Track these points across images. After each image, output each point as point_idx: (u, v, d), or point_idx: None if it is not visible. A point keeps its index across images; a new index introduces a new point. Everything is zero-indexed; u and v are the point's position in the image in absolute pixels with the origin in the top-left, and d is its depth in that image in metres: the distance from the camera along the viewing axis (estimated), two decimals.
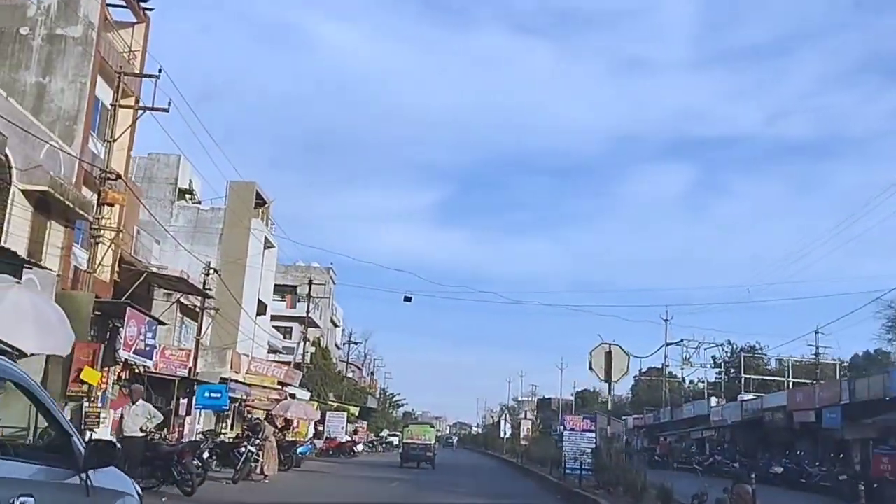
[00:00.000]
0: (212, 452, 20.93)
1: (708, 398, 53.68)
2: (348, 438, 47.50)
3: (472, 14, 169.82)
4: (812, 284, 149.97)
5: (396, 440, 60.84)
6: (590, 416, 24.85)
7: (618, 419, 27.89)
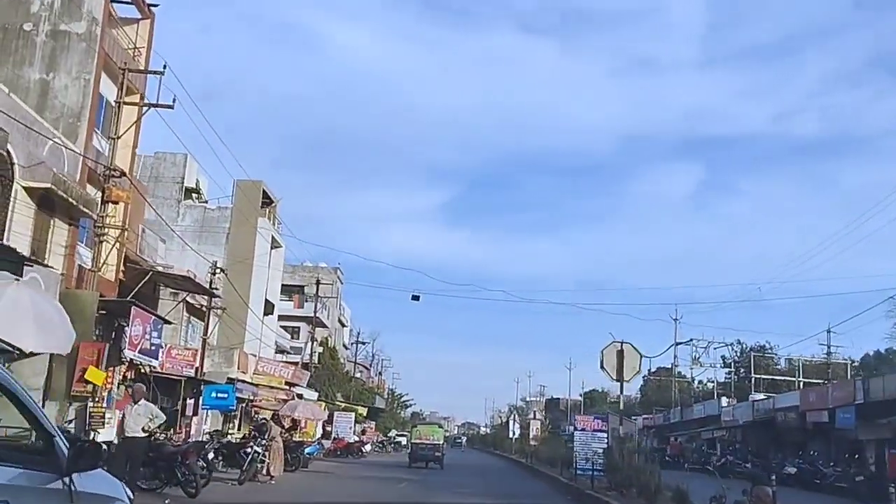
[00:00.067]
0: (218, 453, 20.71)
1: (719, 398, 53.19)
2: (356, 439, 47.27)
3: (477, 14, 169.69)
4: (822, 284, 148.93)
5: (404, 440, 60.68)
6: (601, 416, 24.48)
7: (629, 419, 27.48)
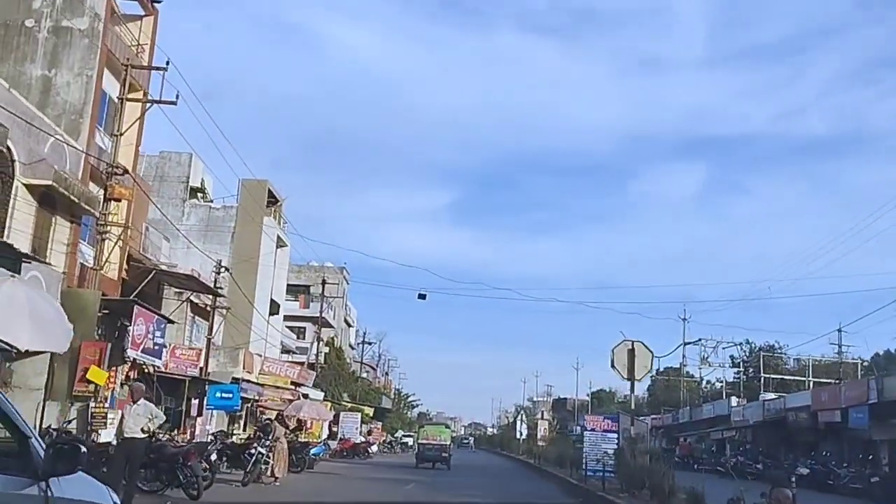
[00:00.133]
0: (222, 454, 20.41)
1: (728, 398, 52.69)
2: (362, 439, 46.95)
3: (483, 14, 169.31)
4: (829, 283, 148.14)
5: (411, 441, 60.39)
6: (611, 416, 24.10)
7: (641, 419, 27.09)
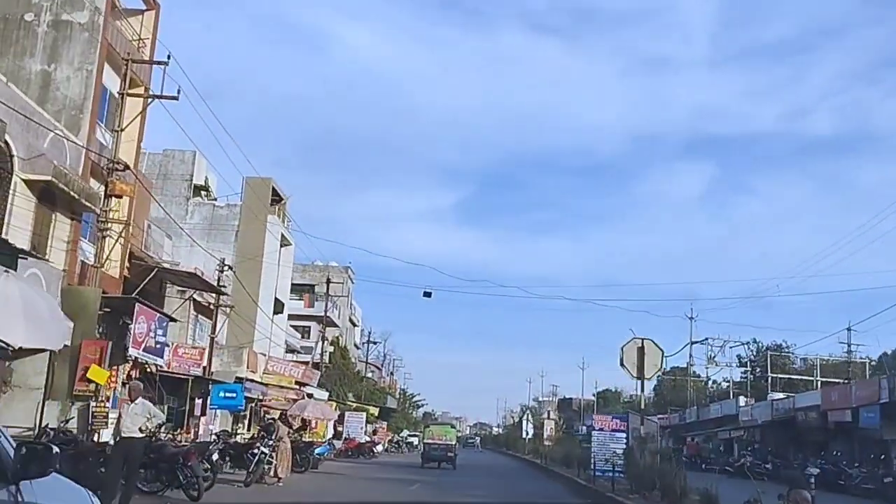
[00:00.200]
0: (224, 454, 20.12)
1: (736, 397, 52.26)
2: (367, 439, 46.65)
3: (485, 13, 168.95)
4: (835, 282, 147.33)
5: (416, 440, 60.12)
6: (620, 415, 23.72)
7: (651, 418, 26.71)
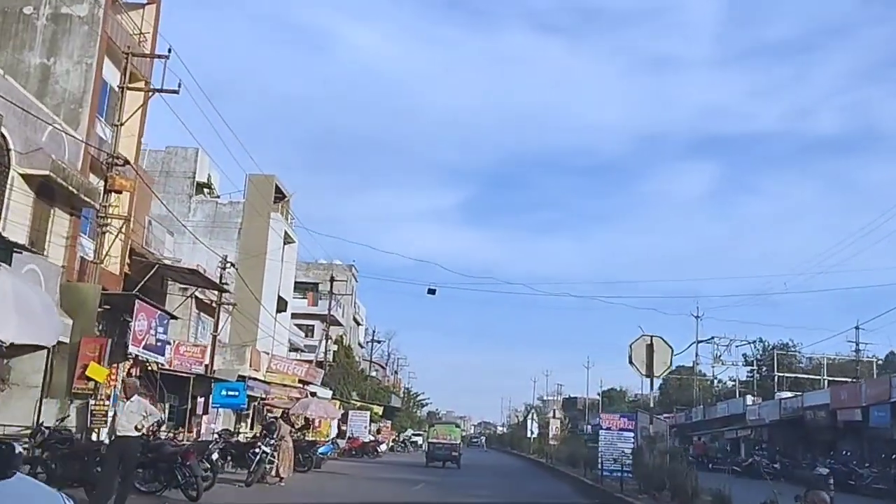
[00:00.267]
0: (226, 453, 19.82)
1: (743, 396, 51.85)
2: (371, 438, 46.32)
3: (490, 13, 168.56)
4: (844, 279, 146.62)
5: (420, 440, 59.82)
6: (628, 414, 23.35)
7: (659, 417, 26.32)
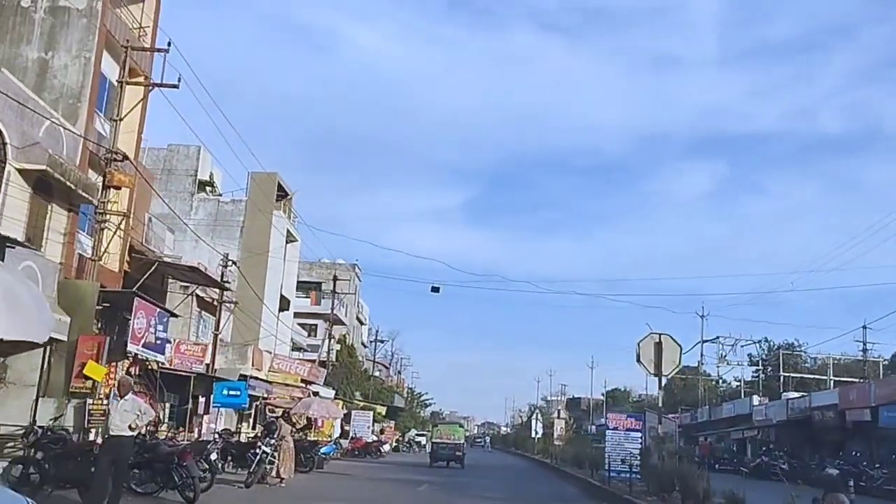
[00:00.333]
0: (226, 453, 19.52)
1: (750, 397, 51.41)
2: (375, 438, 45.98)
3: (494, 13, 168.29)
4: (849, 277, 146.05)
5: (424, 440, 59.52)
6: (635, 414, 22.96)
7: (668, 417, 25.92)
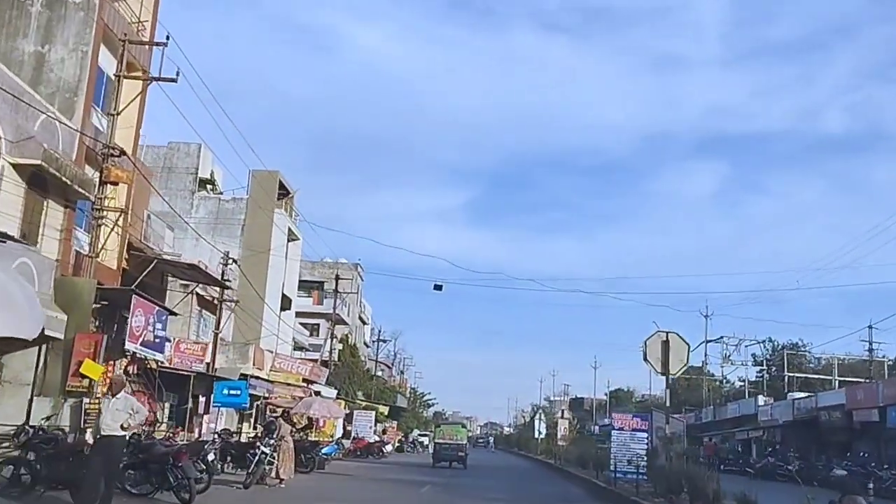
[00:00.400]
0: (225, 453, 19.20)
1: (755, 397, 51.03)
2: (377, 438, 45.63)
3: (496, 13, 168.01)
4: (854, 277, 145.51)
5: (426, 440, 59.20)
6: (641, 414, 22.59)
7: (676, 416, 25.56)
